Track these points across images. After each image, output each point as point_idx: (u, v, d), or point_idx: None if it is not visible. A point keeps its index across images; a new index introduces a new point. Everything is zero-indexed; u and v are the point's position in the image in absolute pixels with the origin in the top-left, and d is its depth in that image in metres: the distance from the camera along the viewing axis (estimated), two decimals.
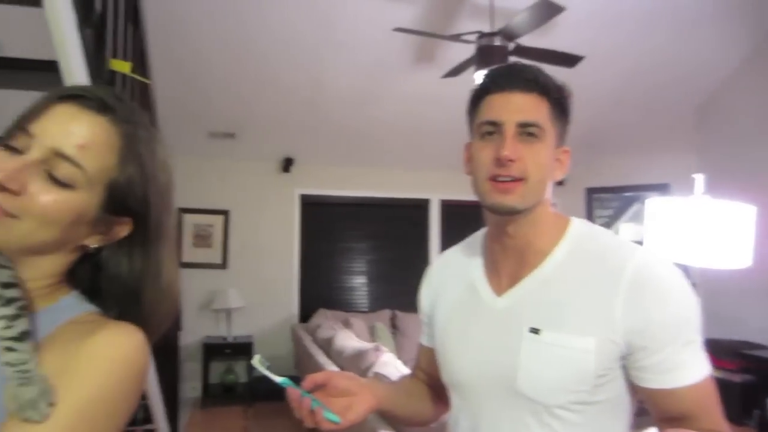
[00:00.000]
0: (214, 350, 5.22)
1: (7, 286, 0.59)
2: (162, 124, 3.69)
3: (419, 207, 6.31)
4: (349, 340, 3.73)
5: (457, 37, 3.36)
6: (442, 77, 3.77)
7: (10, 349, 0.57)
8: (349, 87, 4.65)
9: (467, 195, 1.06)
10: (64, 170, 0.64)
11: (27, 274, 0.65)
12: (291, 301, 5.79)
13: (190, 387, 5.28)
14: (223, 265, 5.60)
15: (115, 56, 2.09)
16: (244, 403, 5.20)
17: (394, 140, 5.56)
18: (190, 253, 5.45)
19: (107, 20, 2.00)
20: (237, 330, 5.47)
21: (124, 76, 2.13)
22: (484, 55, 3.24)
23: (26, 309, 0.60)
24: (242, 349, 5.25)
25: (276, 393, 5.87)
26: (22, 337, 0.58)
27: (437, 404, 1.17)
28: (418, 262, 6.05)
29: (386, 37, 3.68)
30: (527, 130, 0.90)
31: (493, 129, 0.91)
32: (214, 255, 5.60)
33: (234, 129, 5.18)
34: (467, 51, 3.43)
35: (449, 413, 1.08)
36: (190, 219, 5.49)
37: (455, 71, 3.62)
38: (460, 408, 1.03)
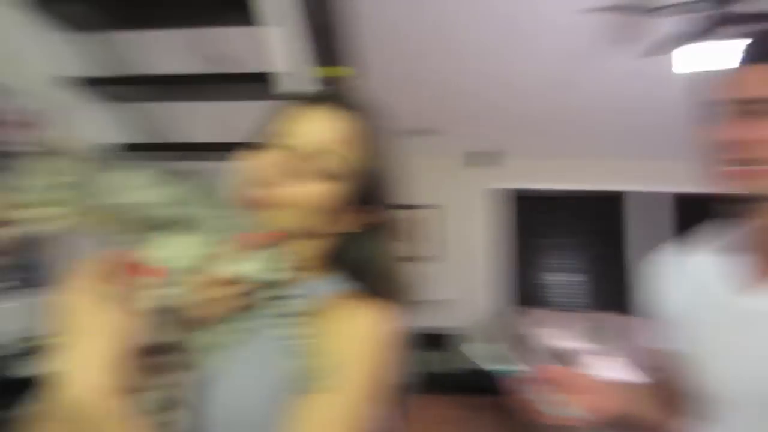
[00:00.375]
0: (429, 341, 5.44)
1: (286, 269, 0.68)
2: None
3: (650, 198, 5.86)
4: (566, 340, 3.62)
5: (661, 10, 3.06)
6: (644, 55, 3.48)
7: (290, 325, 0.65)
8: (548, 74, 4.49)
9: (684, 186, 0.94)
10: (322, 165, 0.73)
11: (295, 256, 0.73)
12: (503, 296, 5.84)
13: (408, 375, 5.52)
14: (435, 259, 5.81)
15: (327, 62, 2.27)
16: (460, 393, 5.27)
17: (605, 127, 5.23)
18: (403, 247, 5.72)
19: (320, 28, 2.17)
20: (450, 321, 5.65)
21: (336, 80, 2.28)
22: (697, 27, 2.91)
23: (301, 289, 0.69)
24: (457, 341, 5.43)
25: (493, 386, 5.98)
26: (299, 314, 0.66)
27: (677, 413, 1.04)
28: (643, 260, 5.71)
29: (579, 18, 3.49)
30: (761, 107, 0.78)
31: (725, 108, 0.81)
32: (426, 248, 5.85)
33: (442, 125, 5.32)
34: (672, 25, 3.11)
35: (698, 426, 0.96)
36: (403, 214, 5.73)
37: (659, 48, 3.31)
38: (713, 422, 0.91)
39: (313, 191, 0.73)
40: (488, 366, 0.95)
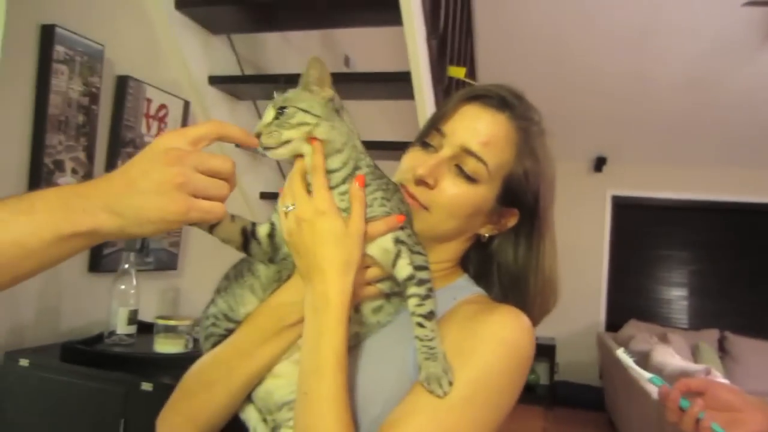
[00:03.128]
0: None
1: (421, 269, 0.65)
2: None
3: (763, 213, 5.31)
4: (669, 357, 3.36)
5: None
6: None
7: (420, 325, 0.63)
8: (676, 75, 4.19)
9: None
10: (470, 165, 0.70)
11: (431, 258, 0.70)
12: (598, 308, 5.54)
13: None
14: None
15: (452, 63, 2.25)
16: (544, 404, 5.15)
17: (730, 134, 4.81)
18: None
19: (448, 32, 2.16)
20: (540, 331, 5.41)
21: (458, 80, 2.27)
22: None
23: (433, 290, 0.66)
24: (543, 351, 5.20)
25: (577, 399, 5.53)
26: (430, 315, 0.63)
27: None
28: (760, 277, 5.20)
29: (727, 14, 3.20)
30: None
31: None
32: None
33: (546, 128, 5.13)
34: None
35: None
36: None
37: None
38: None
39: (454, 194, 0.70)
40: (644, 375, 0.92)
